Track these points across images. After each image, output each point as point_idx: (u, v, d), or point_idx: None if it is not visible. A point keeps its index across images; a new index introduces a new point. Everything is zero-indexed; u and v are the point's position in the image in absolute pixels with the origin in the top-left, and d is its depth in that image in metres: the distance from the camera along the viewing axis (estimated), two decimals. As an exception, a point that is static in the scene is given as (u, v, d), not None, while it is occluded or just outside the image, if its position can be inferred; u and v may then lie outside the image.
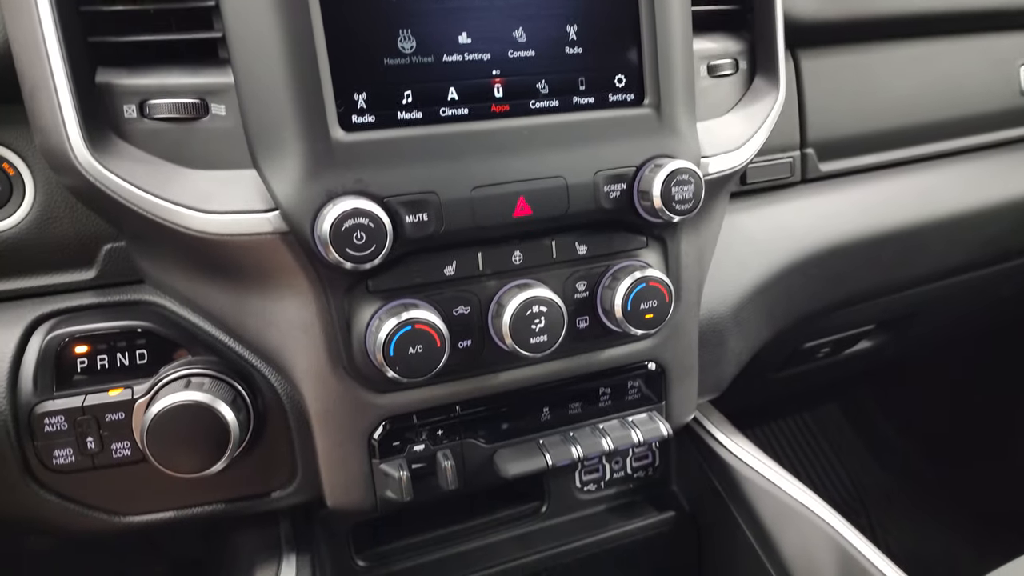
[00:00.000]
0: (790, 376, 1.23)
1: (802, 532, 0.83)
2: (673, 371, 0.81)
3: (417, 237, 0.63)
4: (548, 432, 0.77)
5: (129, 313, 0.69)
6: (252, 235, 0.61)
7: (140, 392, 0.65)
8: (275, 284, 0.65)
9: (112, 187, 0.60)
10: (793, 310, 0.95)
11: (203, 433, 0.63)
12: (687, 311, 0.79)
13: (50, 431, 0.64)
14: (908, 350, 1.43)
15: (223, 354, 0.69)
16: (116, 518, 0.69)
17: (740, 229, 0.91)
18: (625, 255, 0.73)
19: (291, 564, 0.75)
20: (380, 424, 0.70)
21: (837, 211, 0.97)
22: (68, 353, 0.66)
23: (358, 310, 0.65)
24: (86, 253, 0.69)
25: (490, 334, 0.69)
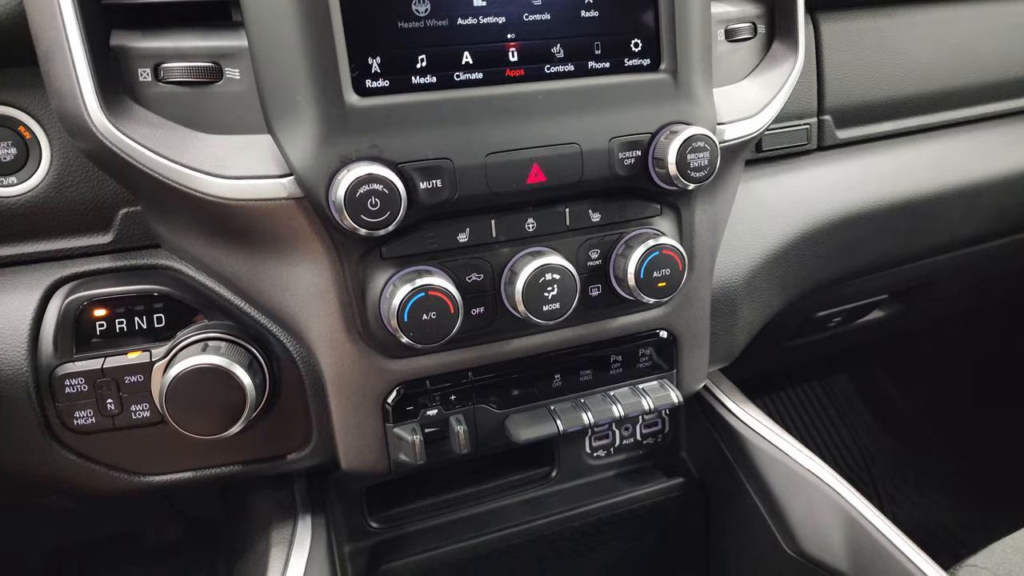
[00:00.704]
0: (801, 345, 1.23)
1: (811, 500, 0.83)
2: (685, 339, 0.81)
3: (431, 204, 0.63)
4: (559, 398, 0.78)
5: (146, 277, 0.69)
6: (267, 200, 0.61)
7: (158, 355, 0.66)
8: (290, 250, 0.65)
9: (127, 151, 0.60)
10: (806, 279, 0.95)
11: (220, 396, 0.64)
12: (700, 279, 0.79)
13: (71, 392, 0.65)
14: (921, 321, 1.42)
15: (239, 319, 0.70)
16: (136, 478, 0.71)
17: (754, 197, 0.90)
18: (639, 223, 0.73)
19: (306, 524, 0.76)
20: (394, 389, 0.71)
21: (852, 179, 0.96)
22: (87, 316, 0.66)
23: (372, 276, 0.65)
24: (103, 217, 0.70)
25: (503, 301, 0.70)
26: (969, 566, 0.94)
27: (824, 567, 0.81)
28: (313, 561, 0.72)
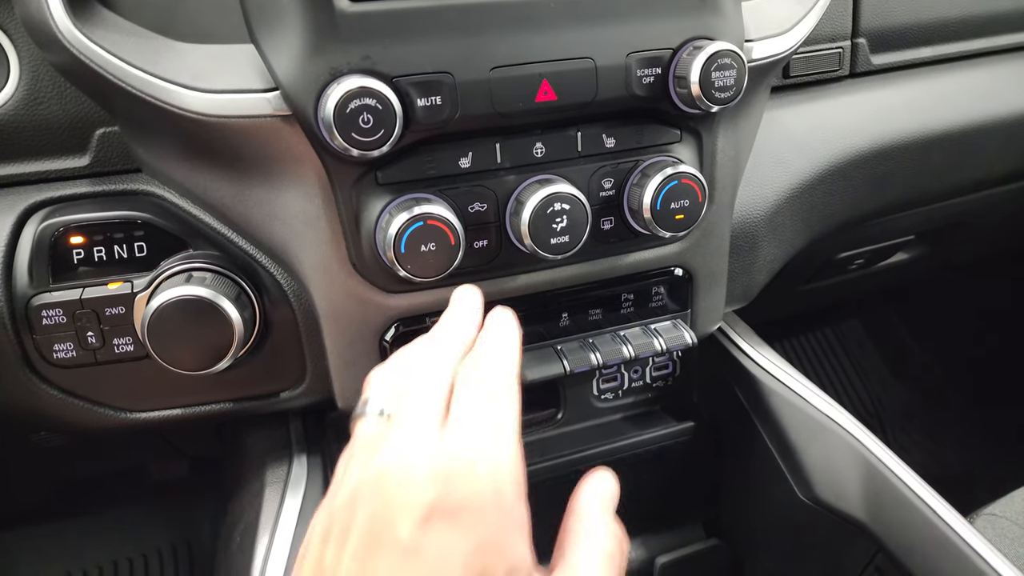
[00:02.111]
0: (818, 289, 1.19)
1: (827, 446, 0.80)
2: (701, 277, 0.77)
3: (430, 123, 0.57)
4: (567, 338, 0.74)
5: (126, 203, 0.65)
6: (251, 117, 0.56)
7: (140, 286, 0.62)
8: (278, 174, 0.60)
9: (98, 62, 0.55)
10: (831, 216, 0.89)
11: (205, 330, 0.60)
12: (720, 213, 0.74)
13: (48, 324, 0.62)
14: (944, 265, 1.37)
15: (226, 249, 0.65)
16: (122, 414, 0.68)
17: (780, 126, 0.84)
18: (656, 150, 0.67)
19: (302, 464, 0.74)
20: (392, 325, 0.67)
21: (886, 109, 0.90)
22: (63, 243, 0.62)
23: (367, 204, 0.60)
24: (78, 138, 0.65)
25: (508, 233, 0.65)
26: (987, 514, 0.91)
27: (839, 514, 0.78)
28: (308, 501, 0.70)
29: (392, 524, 0.39)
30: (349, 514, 0.41)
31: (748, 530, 0.93)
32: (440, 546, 0.38)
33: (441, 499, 0.39)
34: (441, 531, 0.38)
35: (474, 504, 0.39)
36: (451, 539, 0.38)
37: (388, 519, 0.39)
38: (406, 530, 0.39)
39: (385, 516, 0.40)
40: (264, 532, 0.66)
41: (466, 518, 0.39)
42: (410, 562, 0.38)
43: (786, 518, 0.84)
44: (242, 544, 0.68)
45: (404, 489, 0.40)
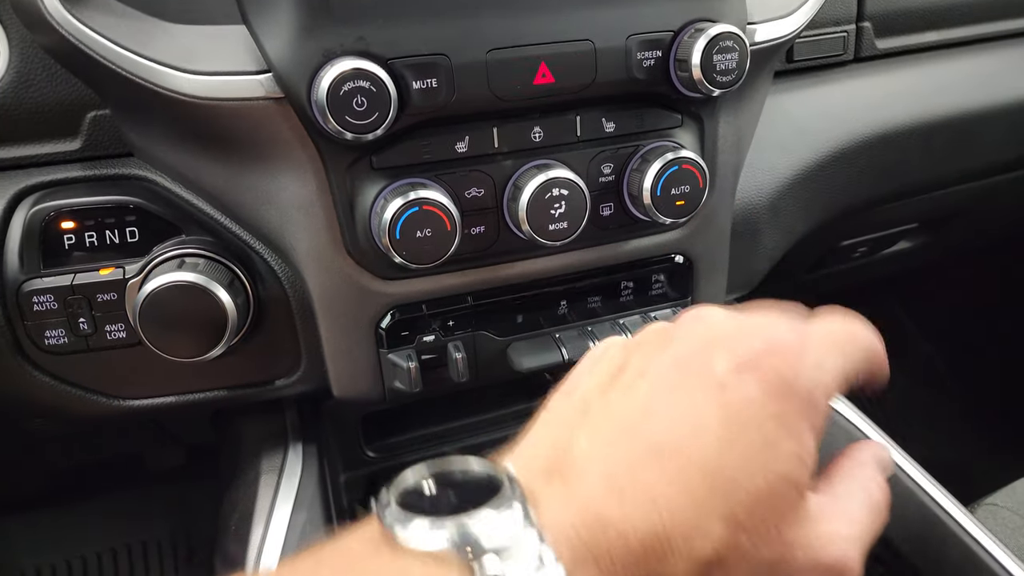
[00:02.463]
0: (820, 277, 1.18)
1: (828, 435, 0.79)
2: (702, 265, 0.75)
3: (425, 106, 0.56)
4: (565, 326, 0.73)
5: (118, 188, 0.64)
6: (243, 100, 0.55)
7: (132, 272, 0.61)
8: (272, 158, 0.59)
9: (88, 43, 0.54)
10: (834, 203, 0.88)
11: (198, 316, 0.59)
12: (721, 199, 0.73)
13: (39, 310, 0.61)
14: (948, 253, 1.36)
15: (220, 234, 0.65)
16: (116, 402, 0.67)
17: (783, 112, 0.83)
18: (657, 134, 0.66)
19: (297, 452, 0.73)
20: (387, 313, 0.66)
21: (890, 94, 0.88)
22: (54, 228, 0.61)
23: (362, 189, 0.59)
24: (69, 121, 0.64)
25: (505, 219, 0.64)
26: (989, 504, 0.91)
27: (836, 503, 0.78)
28: (304, 489, 0.69)
29: (709, 358, 0.40)
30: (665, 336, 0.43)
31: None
32: (744, 393, 0.38)
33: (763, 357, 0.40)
34: (750, 381, 0.39)
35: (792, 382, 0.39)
36: (755, 391, 0.38)
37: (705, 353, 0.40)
38: (721, 363, 0.39)
39: (702, 349, 0.41)
40: (259, 520, 0.66)
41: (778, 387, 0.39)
42: (714, 391, 0.39)
43: (786, 507, 0.84)
44: (238, 532, 0.67)
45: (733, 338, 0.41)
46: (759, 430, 0.37)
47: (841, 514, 0.41)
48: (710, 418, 0.38)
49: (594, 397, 0.42)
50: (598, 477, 0.36)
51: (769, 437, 0.37)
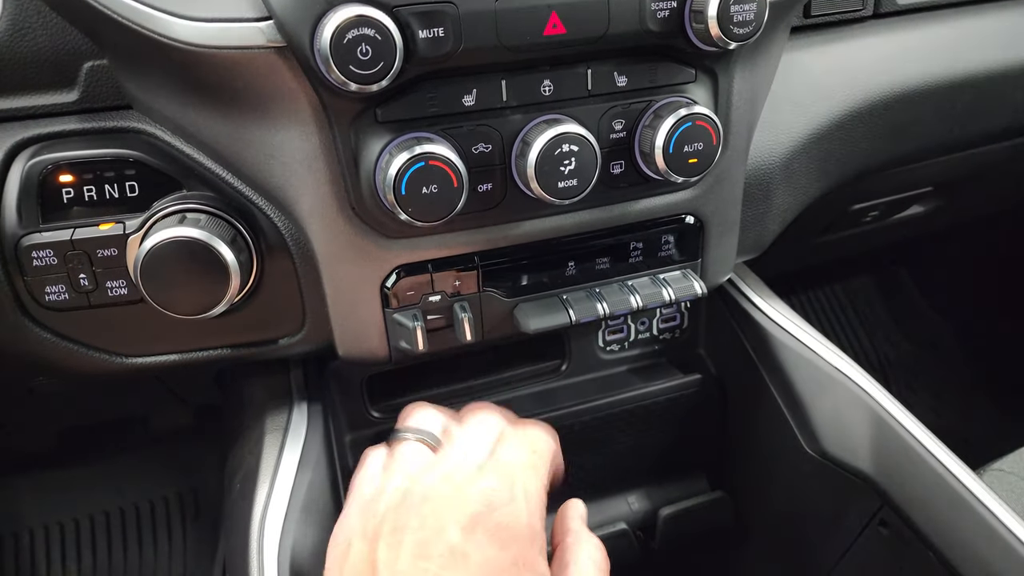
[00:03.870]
0: (831, 241, 1.16)
1: (836, 399, 0.79)
2: (713, 226, 0.74)
3: (432, 56, 0.54)
4: (573, 287, 0.72)
5: (117, 141, 0.62)
6: (243, 48, 0.53)
7: (132, 227, 0.60)
8: (274, 111, 0.58)
9: (81, -13, 0.52)
10: (849, 164, 0.86)
11: (200, 273, 0.58)
12: (734, 158, 0.71)
13: (39, 266, 0.60)
14: (960, 219, 1.34)
15: (221, 190, 0.63)
16: (118, 359, 0.66)
17: (799, 69, 0.80)
18: (670, 89, 0.64)
19: (302, 412, 0.73)
20: (393, 272, 0.65)
21: (910, 52, 0.86)
22: (52, 182, 0.60)
23: (366, 143, 0.58)
24: (66, 72, 0.62)
25: (513, 177, 0.62)
26: (995, 470, 0.90)
27: (845, 467, 0.77)
28: (309, 449, 0.69)
29: (443, 530, 0.47)
30: (400, 517, 0.49)
31: (753, 483, 0.93)
32: (483, 554, 0.46)
33: (485, 515, 0.48)
34: (484, 542, 0.47)
35: (512, 525, 0.48)
36: (491, 550, 0.47)
37: (439, 526, 0.47)
38: (455, 535, 0.47)
39: (436, 523, 0.48)
40: (264, 480, 0.66)
41: (505, 535, 0.47)
42: (460, 564, 0.46)
43: (791, 471, 0.83)
44: (242, 491, 0.67)
45: (454, 502, 0.49)
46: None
47: None
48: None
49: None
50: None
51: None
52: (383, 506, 0.52)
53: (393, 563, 0.47)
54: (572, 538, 0.57)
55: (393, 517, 0.50)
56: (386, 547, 0.48)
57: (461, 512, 0.48)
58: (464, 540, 0.47)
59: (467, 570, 0.46)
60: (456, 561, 0.46)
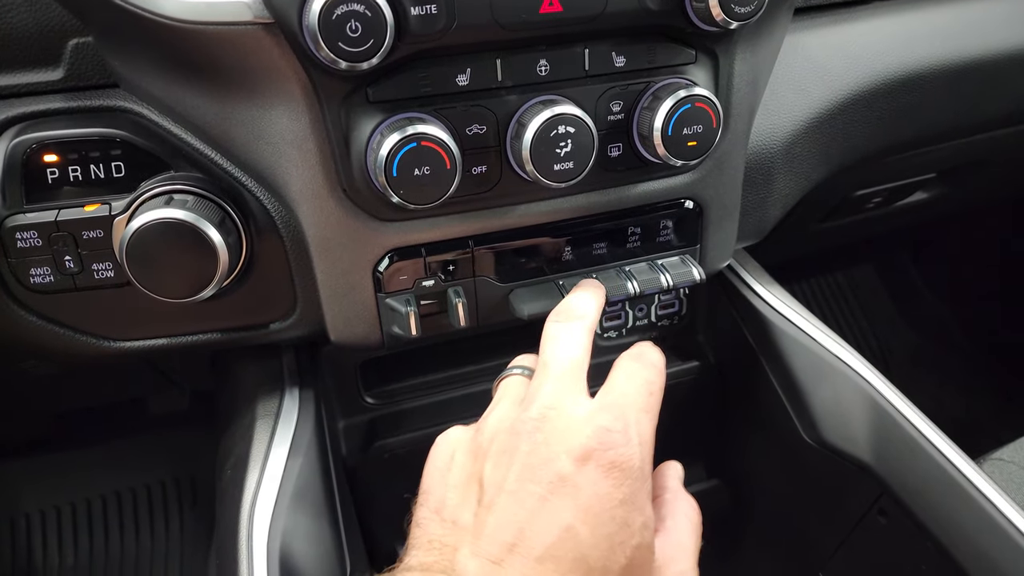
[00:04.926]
0: (832, 228, 1.15)
1: (835, 387, 0.78)
2: (713, 211, 0.73)
3: (424, 34, 0.53)
4: (569, 273, 0.71)
5: (103, 120, 0.61)
6: (229, 24, 0.51)
7: (118, 208, 0.59)
8: (263, 90, 0.56)
9: (64, -38, 0.50)
10: (852, 149, 0.84)
11: (188, 256, 0.57)
12: (735, 142, 0.70)
13: (23, 247, 0.59)
14: (965, 206, 1.32)
15: (210, 171, 0.62)
16: (105, 343, 0.65)
17: (801, 51, 0.79)
18: (669, 71, 0.63)
19: (294, 397, 0.72)
20: (385, 256, 0.64)
21: (914, 35, 0.84)
22: (37, 161, 0.59)
23: (357, 123, 0.56)
24: (50, 49, 0.61)
25: (508, 159, 0.61)
26: (995, 459, 0.90)
27: (844, 456, 0.77)
28: (300, 434, 0.68)
29: (553, 459, 0.46)
30: (510, 441, 0.48)
31: (750, 471, 0.92)
32: (594, 489, 0.45)
33: (599, 452, 0.46)
34: (596, 476, 0.45)
35: (625, 466, 0.46)
36: (603, 485, 0.45)
37: (549, 456, 0.46)
38: (567, 465, 0.45)
39: (546, 452, 0.46)
40: (255, 466, 0.65)
41: (617, 474, 0.46)
42: (569, 492, 0.45)
43: (790, 460, 0.83)
44: (233, 478, 0.66)
45: (568, 434, 0.47)
46: (613, 518, 0.45)
47: (678, 548, 0.50)
48: (572, 520, 0.44)
49: (463, 516, 0.47)
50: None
51: (621, 519, 0.45)
52: (491, 429, 0.51)
53: (500, 482, 0.46)
54: (671, 495, 0.56)
55: (503, 439, 0.49)
56: (493, 466, 0.48)
57: (574, 444, 0.46)
58: (575, 471, 0.45)
59: (576, 500, 0.45)
60: (566, 489, 0.45)
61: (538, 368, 0.53)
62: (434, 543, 0.47)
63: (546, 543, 0.44)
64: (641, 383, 0.53)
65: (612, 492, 0.45)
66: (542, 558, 0.43)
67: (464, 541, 0.46)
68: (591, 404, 0.50)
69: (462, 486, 0.49)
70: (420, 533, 0.48)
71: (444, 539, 0.47)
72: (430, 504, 0.50)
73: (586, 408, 0.50)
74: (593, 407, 0.50)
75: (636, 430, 0.49)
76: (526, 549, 0.44)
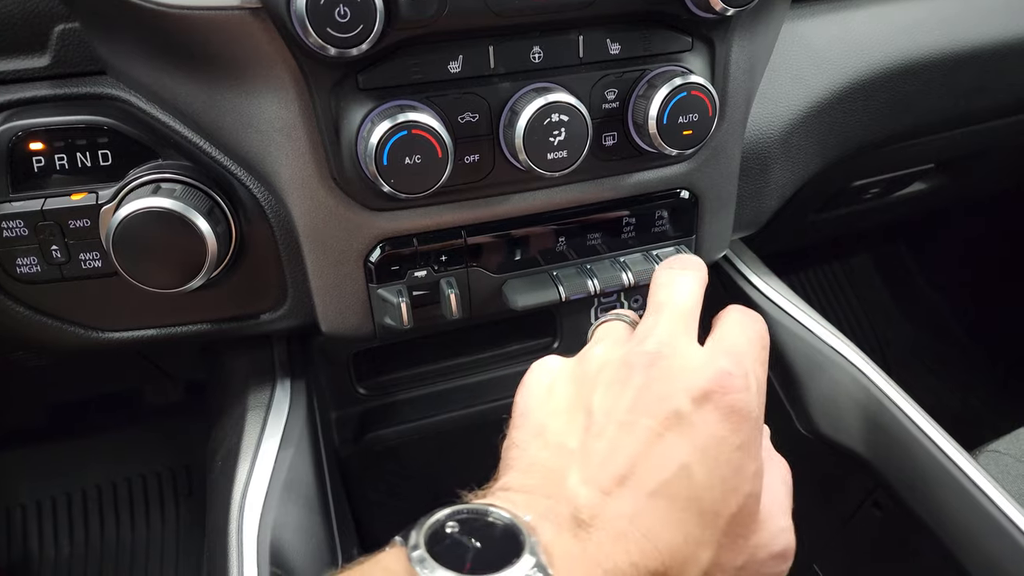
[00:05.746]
0: (829, 219, 1.14)
1: (831, 379, 0.77)
2: (708, 201, 0.72)
3: (414, 19, 0.52)
4: (563, 263, 0.70)
5: (90, 107, 0.60)
6: (216, 9, 0.51)
7: (105, 197, 0.58)
8: (251, 76, 0.55)
9: (46, -55, 0.49)
10: (849, 139, 0.84)
11: (176, 245, 0.56)
12: (731, 131, 0.69)
13: (9, 236, 0.58)
14: (962, 198, 1.32)
15: (198, 159, 0.61)
16: (94, 333, 0.64)
17: (799, 39, 0.78)
18: (665, 58, 0.62)
19: (285, 388, 0.71)
20: (377, 246, 0.63)
21: (915, 22, 0.83)
22: (22, 150, 0.58)
23: (347, 111, 0.56)
24: (36, 35, 0.59)
25: (501, 147, 0.60)
26: (991, 451, 0.89)
27: (839, 448, 0.76)
28: (291, 426, 0.67)
29: (671, 396, 0.43)
30: (621, 373, 0.45)
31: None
32: (711, 430, 0.43)
33: (719, 395, 0.43)
34: (713, 418, 0.43)
35: (743, 411, 0.44)
36: (720, 428, 0.43)
37: (666, 392, 0.43)
38: (684, 403, 0.43)
39: (662, 388, 0.44)
40: (245, 458, 0.64)
41: (736, 419, 0.43)
42: (686, 431, 0.42)
43: (785, 451, 0.82)
44: (223, 469, 0.66)
45: (685, 373, 0.44)
46: (728, 462, 0.43)
47: (776, 505, 0.48)
48: (688, 458, 0.42)
49: (570, 441, 0.44)
50: (605, 531, 0.39)
51: (736, 464, 0.43)
52: (598, 359, 0.48)
53: (611, 411, 0.44)
54: (765, 453, 0.53)
55: (614, 370, 0.46)
56: (603, 395, 0.45)
57: (693, 383, 0.43)
58: (693, 410, 0.43)
59: (692, 439, 0.42)
60: (682, 426, 0.42)
61: (650, 308, 0.50)
62: (535, 466, 0.44)
63: (659, 479, 0.41)
64: (755, 335, 0.50)
65: (729, 436, 0.43)
66: (654, 493, 0.41)
67: (572, 467, 0.43)
68: (708, 347, 0.48)
69: (565, 412, 0.46)
70: (519, 455, 0.45)
71: (548, 463, 0.44)
72: (528, 427, 0.47)
73: (704, 350, 0.47)
74: (712, 350, 0.47)
75: (755, 378, 0.46)
76: (637, 483, 0.41)
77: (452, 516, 0.38)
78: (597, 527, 0.39)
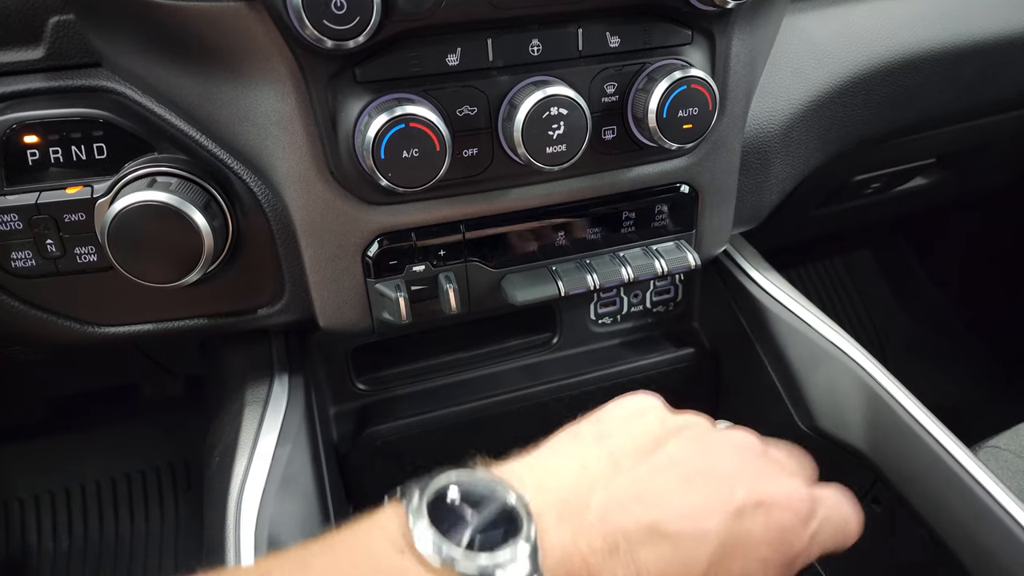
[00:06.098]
0: (830, 214, 1.13)
1: (830, 374, 0.77)
2: (708, 195, 0.71)
3: (412, 11, 0.51)
4: (562, 258, 0.70)
5: (85, 100, 0.59)
6: (212, 0, 0.50)
7: (100, 191, 0.58)
8: (248, 69, 0.55)
9: (40, -65, 0.48)
10: (850, 133, 0.83)
11: (172, 240, 0.56)
12: (731, 125, 0.68)
13: (4, 230, 0.57)
14: (964, 192, 1.31)
15: (195, 153, 0.60)
16: (90, 328, 0.64)
17: (800, 33, 0.77)
18: (665, 52, 0.61)
19: (283, 384, 0.71)
20: (375, 240, 0.63)
21: (917, 16, 0.82)
22: (17, 142, 0.57)
23: (344, 104, 0.55)
24: (30, 27, 0.59)
25: (500, 141, 0.60)
26: (991, 447, 0.89)
27: (838, 443, 0.76)
28: (289, 422, 0.67)
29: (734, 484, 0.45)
30: (703, 435, 0.48)
31: (744, 459, 0.91)
32: (749, 528, 0.44)
33: (777, 513, 0.45)
34: (758, 525, 0.44)
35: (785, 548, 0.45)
36: (758, 532, 0.44)
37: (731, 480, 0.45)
38: (741, 495, 0.44)
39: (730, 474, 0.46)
40: (243, 454, 0.64)
41: (773, 545, 0.45)
42: (728, 514, 0.43)
43: (784, 447, 0.82)
44: (221, 465, 0.65)
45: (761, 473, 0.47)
46: (743, 566, 0.44)
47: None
48: (713, 529, 0.43)
49: (624, 460, 0.45)
50: (602, 537, 0.41)
51: (743, 570, 0.44)
52: (697, 419, 0.50)
53: (679, 459, 0.45)
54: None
55: (700, 432, 0.48)
56: (680, 445, 0.46)
57: (763, 483, 0.46)
58: (745, 503, 0.44)
59: (725, 520, 0.43)
60: (722, 505, 0.43)
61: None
62: (576, 462, 0.45)
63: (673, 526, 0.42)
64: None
65: (758, 546, 0.45)
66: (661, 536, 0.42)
67: (607, 477, 0.43)
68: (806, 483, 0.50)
69: (639, 437, 0.47)
70: (570, 441, 0.47)
71: (592, 467, 0.44)
72: (598, 429, 0.48)
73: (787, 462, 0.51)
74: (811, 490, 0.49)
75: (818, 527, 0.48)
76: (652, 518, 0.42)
77: (455, 482, 0.40)
78: (595, 532, 0.41)
